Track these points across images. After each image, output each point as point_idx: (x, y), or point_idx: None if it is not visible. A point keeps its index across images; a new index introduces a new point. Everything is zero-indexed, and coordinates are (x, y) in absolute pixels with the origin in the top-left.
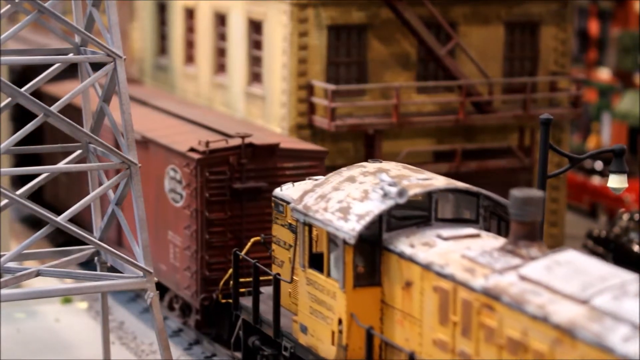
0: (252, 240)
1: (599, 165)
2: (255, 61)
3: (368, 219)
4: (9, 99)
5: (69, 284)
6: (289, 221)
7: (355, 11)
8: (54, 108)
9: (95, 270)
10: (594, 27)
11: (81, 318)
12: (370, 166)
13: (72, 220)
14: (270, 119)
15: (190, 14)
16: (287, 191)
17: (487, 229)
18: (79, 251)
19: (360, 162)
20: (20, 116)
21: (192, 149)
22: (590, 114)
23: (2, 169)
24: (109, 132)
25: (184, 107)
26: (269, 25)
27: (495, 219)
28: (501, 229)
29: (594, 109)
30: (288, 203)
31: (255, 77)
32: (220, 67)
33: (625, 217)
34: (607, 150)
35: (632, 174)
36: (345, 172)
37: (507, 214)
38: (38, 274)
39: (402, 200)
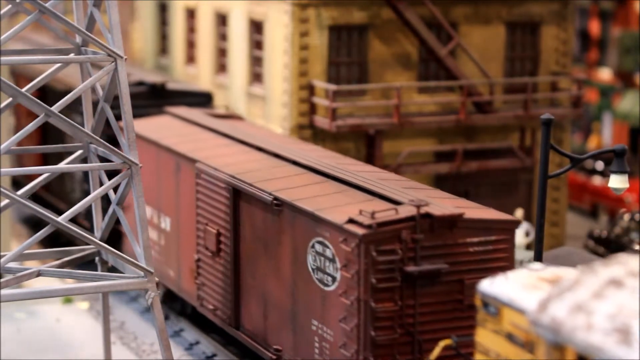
0: (442, 344)
1: (600, 165)
2: (256, 61)
3: None
4: (10, 99)
5: (69, 284)
6: (509, 329)
7: (356, 11)
8: (55, 108)
9: (96, 270)
10: (594, 27)
11: (82, 318)
12: (632, 262)
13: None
14: (271, 119)
15: (191, 14)
16: (500, 286)
17: None
18: (79, 251)
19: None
20: None
21: (352, 221)
22: (591, 114)
23: (2, 169)
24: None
25: (311, 153)
26: (270, 26)
27: None
28: None
29: (594, 109)
30: (504, 303)
31: (256, 77)
32: (221, 67)
33: (626, 217)
34: (608, 151)
35: (633, 174)
36: (602, 270)
37: None
38: (39, 274)
39: None
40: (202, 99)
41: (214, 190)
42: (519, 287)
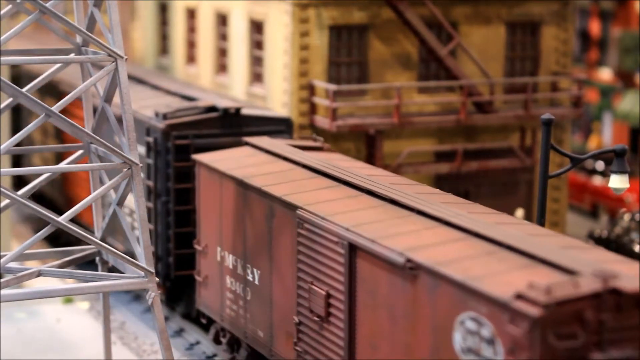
0: None
1: (600, 165)
2: (256, 61)
3: None
4: (10, 99)
5: (70, 284)
6: None
7: (357, 11)
8: (55, 108)
9: (97, 270)
10: (595, 27)
11: (82, 318)
12: None
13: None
14: None
15: (191, 14)
16: None
17: None
18: (80, 251)
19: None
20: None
21: (520, 296)
22: (591, 114)
23: (2, 169)
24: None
25: (433, 198)
26: (271, 26)
27: None
28: None
29: (595, 109)
30: None
31: (257, 77)
32: (222, 67)
33: (627, 217)
34: (608, 151)
35: (633, 174)
36: None
37: None
38: (39, 274)
39: None
40: (282, 126)
41: (323, 244)
42: None
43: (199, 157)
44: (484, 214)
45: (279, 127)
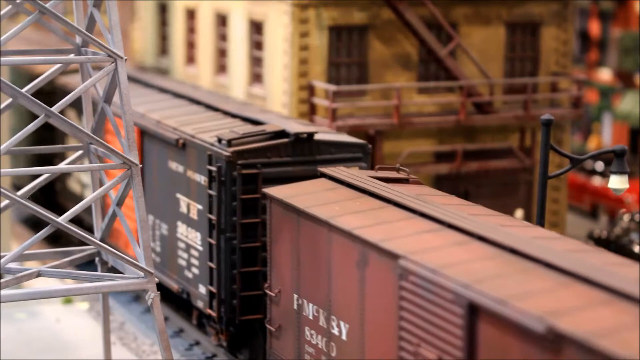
0: None
1: (599, 166)
2: (256, 62)
3: None
4: (10, 99)
5: (69, 284)
6: None
7: (356, 12)
8: (55, 108)
9: (96, 270)
10: (594, 27)
11: (82, 318)
12: None
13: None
14: None
15: (191, 14)
16: None
17: None
18: (80, 252)
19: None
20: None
21: None
22: (591, 114)
23: (2, 170)
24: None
25: (554, 243)
26: (270, 26)
27: None
28: None
29: (594, 109)
30: None
31: (256, 77)
32: (221, 67)
33: (626, 217)
34: (608, 151)
35: (633, 174)
36: None
37: None
38: (39, 274)
39: None
40: (358, 153)
41: (433, 301)
42: None
43: (272, 191)
44: (621, 265)
45: (355, 153)
